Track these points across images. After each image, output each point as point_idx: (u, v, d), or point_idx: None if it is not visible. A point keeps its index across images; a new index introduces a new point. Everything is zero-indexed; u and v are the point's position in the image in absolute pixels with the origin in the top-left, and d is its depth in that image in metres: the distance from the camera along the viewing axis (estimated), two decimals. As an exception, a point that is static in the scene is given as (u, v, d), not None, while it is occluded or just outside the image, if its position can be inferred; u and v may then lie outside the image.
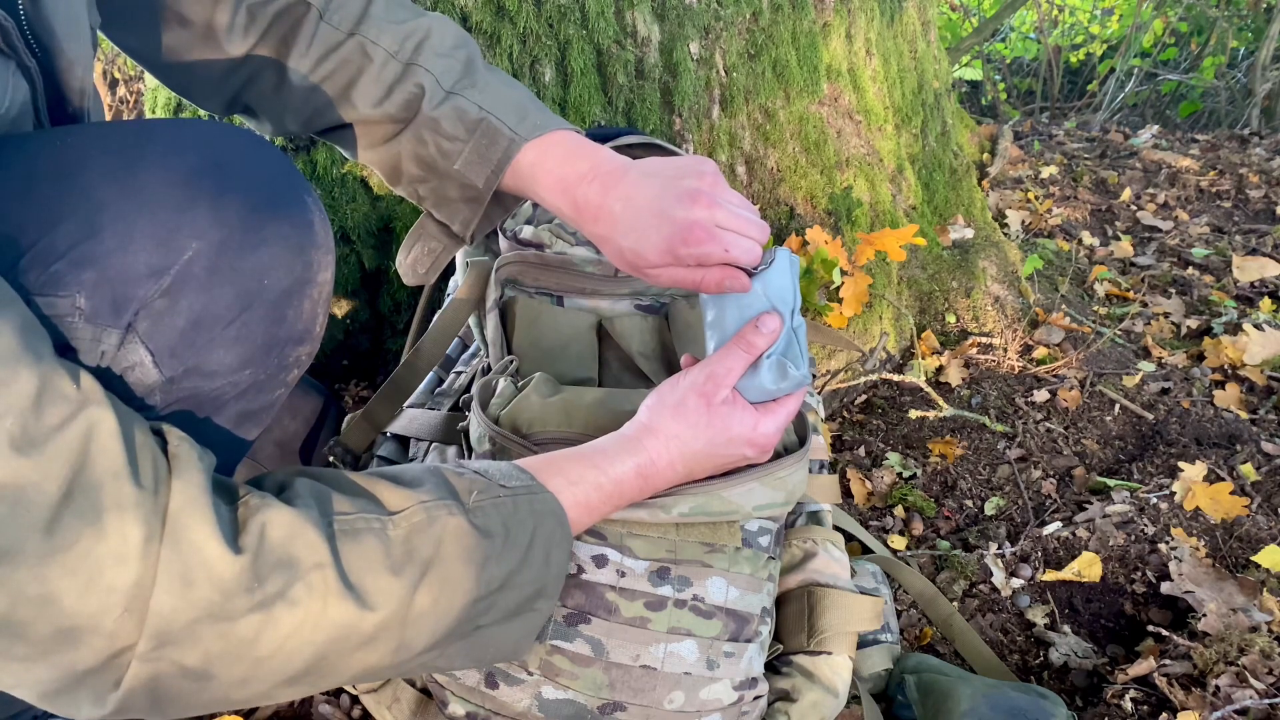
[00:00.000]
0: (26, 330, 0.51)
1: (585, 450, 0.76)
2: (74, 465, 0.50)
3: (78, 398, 0.51)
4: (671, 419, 0.77)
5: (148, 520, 0.52)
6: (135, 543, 0.51)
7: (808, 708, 0.88)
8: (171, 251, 0.58)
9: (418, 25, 0.82)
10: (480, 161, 0.81)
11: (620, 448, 0.76)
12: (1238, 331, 1.66)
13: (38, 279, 0.56)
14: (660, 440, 0.76)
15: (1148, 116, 3.86)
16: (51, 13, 0.61)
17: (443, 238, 0.88)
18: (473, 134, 0.80)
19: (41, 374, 0.50)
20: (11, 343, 0.49)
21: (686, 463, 0.78)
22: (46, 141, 0.61)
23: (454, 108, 0.81)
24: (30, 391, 0.49)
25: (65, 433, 0.50)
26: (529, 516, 0.68)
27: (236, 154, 0.63)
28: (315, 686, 0.61)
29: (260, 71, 0.82)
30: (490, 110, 0.81)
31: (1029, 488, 1.34)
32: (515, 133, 0.81)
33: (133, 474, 0.52)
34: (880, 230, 1.50)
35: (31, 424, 0.49)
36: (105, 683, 0.53)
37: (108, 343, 0.58)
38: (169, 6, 0.78)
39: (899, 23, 1.73)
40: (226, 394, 0.65)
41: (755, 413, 0.79)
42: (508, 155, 0.80)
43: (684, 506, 0.80)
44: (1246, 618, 1.01)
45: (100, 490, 0.51)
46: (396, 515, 0.62)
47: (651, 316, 1.01)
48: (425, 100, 0.80)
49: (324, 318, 0.70)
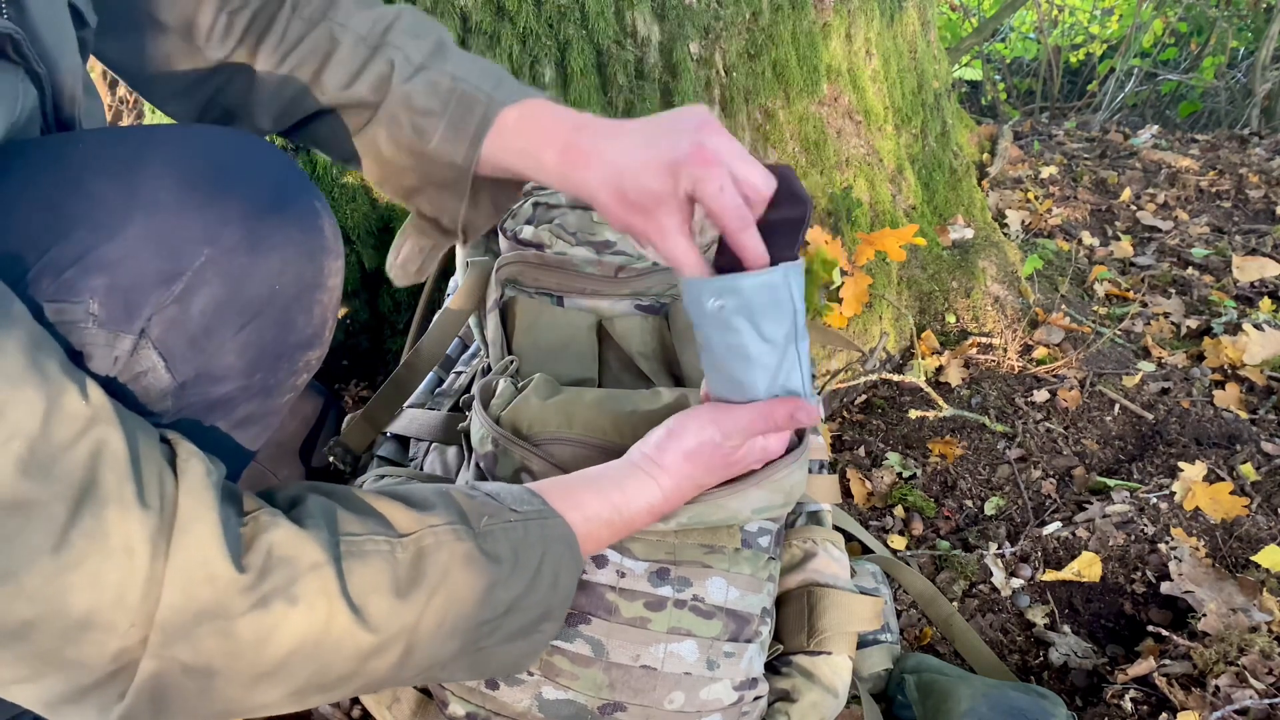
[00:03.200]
0: (34, 347, 0.51)
1: (601, 482, 0.75)
2: (82, 485, 0.50)
3: (86, 415, 0.52)
4: (685, 463, 0.76)
5: (154, 540, 0.52)
6: (141, 562, 0.52)
7: (808, 708, 0.88)
8: (184, 257, 0.58)
9: (387, 11, 0.80)
10: (457, 135, 0.76)
11: (637, 486, 0.75)
12: (1238, 331, 1.66)
13: (50, 285, 0.56)
14: (673, 480, 0.76)
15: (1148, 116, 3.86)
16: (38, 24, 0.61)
17: (432, 233, 0.84)
18: (447, 105, 0.76)
19: (49, 393, 0.50)
20: (18, 362, 0.49)
21: (696, 493, 0.78)
22: (54, 147, 0.61)
23: (425, 80, 0.77)
24: (38, 412, 0.49)
25: (73, 452, 0.50)
26: (539, 542, 0.68)
27: (245, 158, 0.63)
28: (314, 702, 0.62)
29: (235, 73, 0.80)
30: (463, 78, 0.77)
31: (1029, 488, 1.34)
32: (491, 96, 0.77)
33: (139, 493, 0.52)
34: (880, 230, 1.50)
35: (39, 445, 0.49)
36: (111, 695, 0.54)
37: (121, 348, 0.58)
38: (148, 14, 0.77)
39: (899, 23, 1.73)
40: (236, 398, 0.65)
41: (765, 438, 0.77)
42: (485, 121, 0.76)
43: (683, 517, 0.80)
44: (1246, 618, 1.01)
45: (107, 510, 0.51)
46: (406, 538, 0.62)
47: (652, 317, 1.01)
48: (395, 75, 0.77)
49: (333, 322, 0.70)
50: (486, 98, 0.77)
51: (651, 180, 0.70)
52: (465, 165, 0.77)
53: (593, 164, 0.74)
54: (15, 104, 0.58)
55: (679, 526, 0.81)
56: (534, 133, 0.76)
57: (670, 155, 0.70)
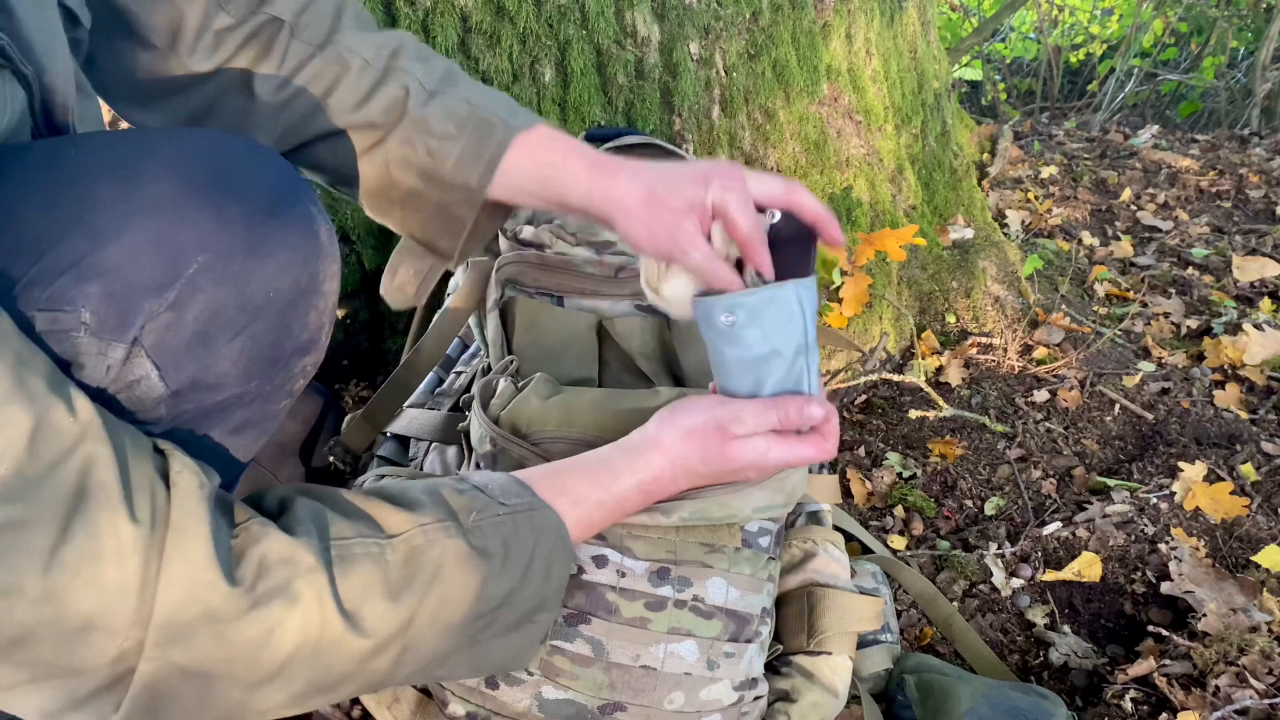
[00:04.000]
0: (20, 365, 0.51)
1: (589, 464, 0.75)
2: (70, 504, 0.50)
3: (74, 431, 0.51)
4: (682, 441, 0.75)
5: (145, 555, 0.52)
6: (134, 575, 0.52)
7: (808, 708, 0.88)
8: (177, 264, 0.57)
9: (390, 36, 0.81)
10: (474, 157, 0.78)
11: (625, 463, 0.75)
12: (1238, 331, 1.66)
13: (42, 294, 0.55)
14: (667, 458, 0.75)
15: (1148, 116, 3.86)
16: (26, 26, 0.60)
17: (427, 256, 0.84)
18: (463, 129, 0.78)
19: (36, 412, 0.50)
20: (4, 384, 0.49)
21: (690, 481, 0.77)
22: (47, 153, 0.60)
23: (442, 105, 0.78)
24: (24, 432, 0.49)
25: (62, 470, 0.50)
26: (529, 534, 0.68)
27: (240, 163, 0.63)
28: (315, 705, 0.62)
29: (228, 95, 0.78)
30: (479, 104, 0.79)
31: (1029, 488, 1.34)
32: (508, 122, 0.78)
33: (129, 509, 0.52)
34: (880, 230, 1.50)
35: (27, 465, 0.49)
36: (108, 703, 0.54)
37: (113, 357, 0.57)
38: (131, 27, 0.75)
39: (899, 23, 1.73)
40: (231, 406, 0.65)
41: (769, 440, 0.75)
42: (502, 147, 0.78)
43: (684, 512, 0.80)
44: (1246, 618, 1.01)
45: (97, 526, 0.51)
46: (395, 539, 0.62)
47: (652, 317, 1.01)
48: (410, 100, 0.78)
49: (330, 327, 0.70)
50: (504, 123, 0.78)
51: (685, 185, 0.74)
52: (479, 188, 0.79)
53: (624, 172, 0.76)
54: (3, 108, 0.58)
55: (680, 522, 0.81)
56: (561, 149, 0.79)
57: (702, 168, 0.74)
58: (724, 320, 0.73)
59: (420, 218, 0.82)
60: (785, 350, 0.74)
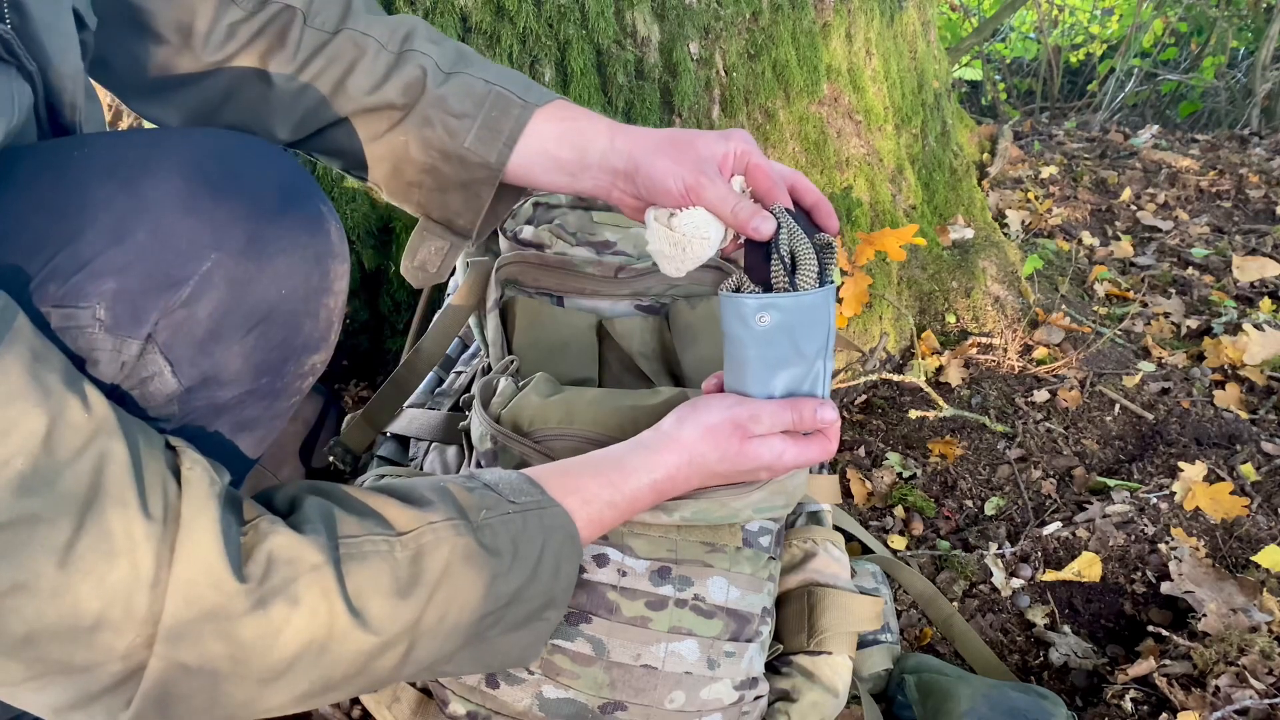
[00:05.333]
0: (36, 362, 0.51)
1: (601, 462, 0.75)
2: (85, 499, 0.51)
3: (89, 427, 0.52)
4: (701, 438, 0.75)
5: (157, 551, 0.53)
6: (146, 570, 0.52)
7: (808, 708, 0.88)
8: (191, 261, 0.58)
9: (401, 20, 0.82)
10: (492, 135, 0.79)
11: (639, 462, 0.75)
12: (1238, 331, 1.66)
13: (58, 290, 0.56)
14: (684, 455, 0.75)
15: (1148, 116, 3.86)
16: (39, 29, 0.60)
17: (446, 235, 0.85)
18: (481, 106, 0.79)
19: (52, 408, 0.50)
20: (20, 381, 0.50)
21: (704, 479, 0.77)
22: (59, 152, 0.60)
23: (460, 83, 0.79)
24: (40, 429, 0.50)
25: (76, 466, 0.51)
26: (538, 532, 0.68)
27: (251, 161, 0.63)
28: (322, 702, 0.62)
29: (240, 85, 0.79)
30: (497, 81, 0.80)
31: (1029, 488, 1.34)
32: (524, 99, 0.79)
33: (142, 506, 0.53)
34: (880, 230, 1.50)
35: (43, 462, 0.50)
36: (118, 701, 0.55)
37: (128, 353, 0.58)
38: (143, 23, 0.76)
39: (899, 23, 1.73)
40: (241, 402, 0.65)
41: (784, 441, 0.76)
42: (520, 124, 0.79)
43: (686, 511, 0.80)
44: (1246, 618, 1.01)
45: (111, 522, 0.51)
46: (405, 536, 0.62)
47: (652, 317, 1.01)
48: (429, 79, 0.78)
49: (339, 325, 0.70)
50: (520, 99, 0.79)
51: (707, 136, 0.78)
52: (498, 164, 0.80)
53: (647, 130, 0.80)
54: (11, 105, 0.58)
55: (681, 521, 0.81)
56: (583, 113, 0.81)
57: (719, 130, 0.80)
58: (757, 319, 0.73)
59: (439, 197, 0.83)
60: (808, 352, 0.75)
